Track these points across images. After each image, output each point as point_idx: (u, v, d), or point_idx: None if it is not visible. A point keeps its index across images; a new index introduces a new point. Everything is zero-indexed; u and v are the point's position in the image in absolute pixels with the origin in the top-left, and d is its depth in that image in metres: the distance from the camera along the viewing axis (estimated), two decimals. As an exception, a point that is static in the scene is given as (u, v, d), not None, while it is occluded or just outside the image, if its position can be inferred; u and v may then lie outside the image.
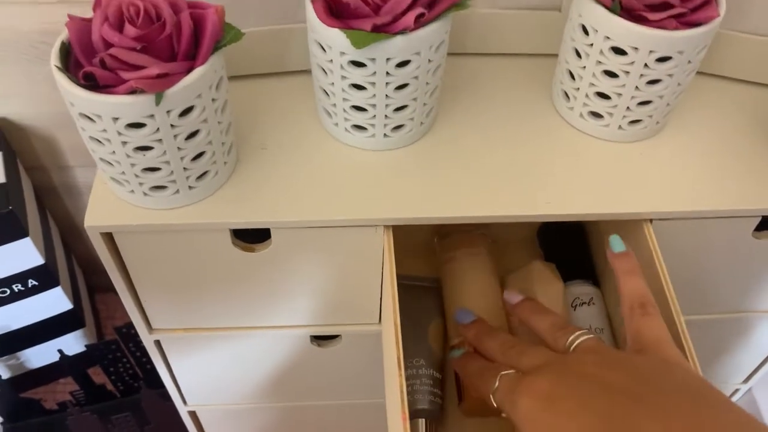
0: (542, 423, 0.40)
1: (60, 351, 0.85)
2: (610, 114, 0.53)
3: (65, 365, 0.86)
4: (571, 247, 0.64)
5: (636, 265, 0.48)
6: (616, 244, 0.49)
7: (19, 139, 0.81)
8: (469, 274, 0.59)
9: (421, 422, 0.56)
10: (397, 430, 0.44)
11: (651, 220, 0.52)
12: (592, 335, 0.45)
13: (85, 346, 0.85)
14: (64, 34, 0.44)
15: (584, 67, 0.52)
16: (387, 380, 0.52)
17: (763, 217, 0.54)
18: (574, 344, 0.45)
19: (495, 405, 0.45)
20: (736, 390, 0.84)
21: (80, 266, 0.99)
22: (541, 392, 0.41)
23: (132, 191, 0.48)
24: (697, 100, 0.59)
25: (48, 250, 0.82)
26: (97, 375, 0.89)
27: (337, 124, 0.53)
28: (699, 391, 0.39)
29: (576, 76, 0.53)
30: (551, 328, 0.48)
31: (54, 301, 0.85)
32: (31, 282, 0.81)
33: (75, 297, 0.90)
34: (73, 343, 0.92)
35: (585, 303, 0.58)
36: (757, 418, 0.82)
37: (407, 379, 0.57)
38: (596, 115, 0.54)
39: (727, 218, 0.53)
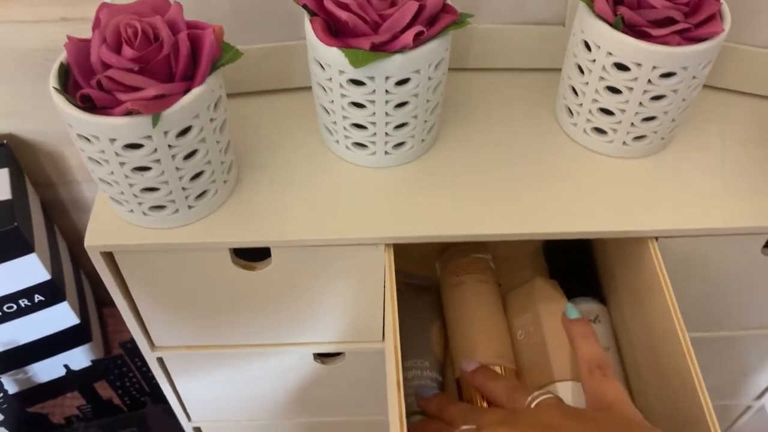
0: None
1: (66, 366, 0.85)
2: (614, 130, 0.53)
3: (71, 380, 0.86)
4: (576, 264, 0.64)
5: (591, 329, 0.50)
6: (571, 311, 0.51)
7: (27, 156, 0.82)
8: (477, 300, 0.58)
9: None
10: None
11: (657, 238, 0.51)
12: (551, 395, 0.45)
13: (91, 361, 0.86)
14: (63, 55, 0.44)
15: (587, 83, 0.51)
16: (389, 399, 0.52)
17: (771, 234, 0.53)
18: (534, 403, 0.45)
19: None
20: (749, 407, 0.83)
21: (89, 279, 0.99)
22: None
23: (131, 211, 0.48)
24: (703, 115, 0.58)
25: (55, 266, 0.82)
26: (104, 389, 0.89)
27: (337, 142, 0.53)
28: None
29: (579, 92, 0.53)
30: (508, 390, 0.48)
31: (60, 316, 0.85)
32: (37, 297, 0.81)
33: (82, 311, 0.90)
34: (80, 358, 0.93)
35: (590, 321, 0.57)
36: (770, 434, 0.80)
37: (411, 380, 0.56)
38: (600, 131, 0.54)
39: (735, 236, 0.52)
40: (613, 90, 0.50)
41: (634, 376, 0.56)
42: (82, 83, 0.43)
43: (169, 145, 0.43)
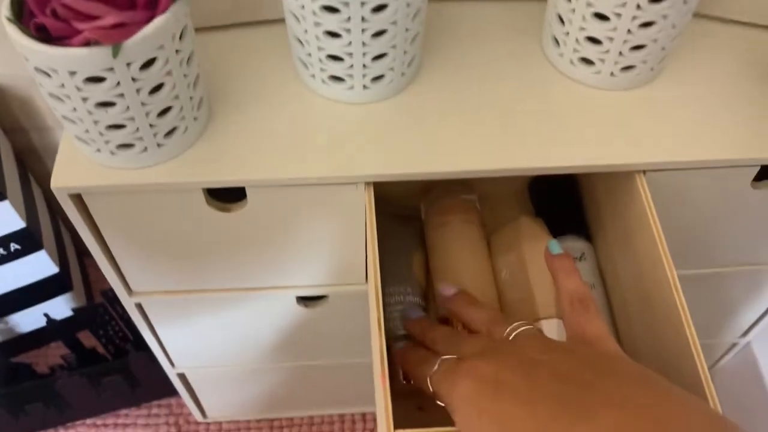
0: (485, 408, 0.38)
1: (46, 315, 0.84)
2: (602, 60, 0.51)
3: (53, 329, 0.85)
4: (562, 201, 0.62)
5: (572, 265, 0.48)
6: (554, 247, 0.49)
7: (-5, 100, 0.79)
8: (461, 241, 0.57)
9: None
10: (378, 389, 0.43)
11: (644, 172, 0.50)
12: (530, 326, 0.44)
13: (72, 309, 0.84)
14: (15, -17, 0.41)
15: (574, 9, 0.49)
16: (372, 339, 0.51)
17: (762, 166, 0.51)
18: (513, 334, 0.44)
19: (431, 390, 0.43)
20: (734, 344, 0.83)
21: (68, 228, 0.97)
22: (483, 375, 0.39)
23: (98, 150, 0.46)
24: (694, 45, 0.56)
25: (30, 213, 0.80)
26: (88, 338, 0.88)
27: (313, 76, 0.50)
28: (649, 379, 0.38)
29: (565, 20, 0.50)
30: (488, 320, 0.47)
31: (38, 265, 0.84)
32: (13, 246, 0.79)
33: (61, 260, 0.89)
34: (61, 307, 0.91)
35: (576, 258, 0.56)
36: (756, 372, 0.81)
37: (393, 305, 0.55)
38: (587, 61, 0.51)
39: (725, 168, 0.51)
40: (601, 17, 0.48)
41: (620, 314, 0.55)
42: (37, 13, 0.40)
43: (133, 78, 0.41)
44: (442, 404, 0.42)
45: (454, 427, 0.41)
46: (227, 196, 0.51)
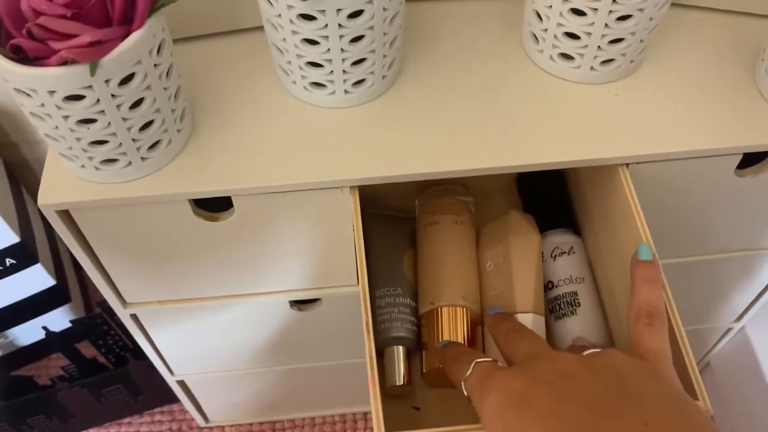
0: (511, 425, 0.37)
1: (45, 328, 0.84)
2: (581, 55, 0.51)
3: (53, 341, 0.85)
4: (551, 195, 0.62)
5: (656, 275, 0.44)
6: (644, 251, 0.45)
7: (-17, 116, 0.79)
8: (448, 239, 0.57)
9: (398, 349, 0.55)
10: (370, 392, 0.43)
11: (627, 165, 0.50)
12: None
13: (71, 321, 0.85)
14: (-8, 5, 0.41)
15: (551, 6, 0.49)
16: (364, 341, 0.51)
17: (744, 154, 0.51)
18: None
19: (465, 393, 0.42)
20: (729, 329, 0.83)
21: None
22: (513, 391, 0.38)
23: (83, 166, 0.46)
24: (672, 35, 0.56)
25: (24, 228, 0.81)
26: (87, 349, 0.88)
27: (294, 83, 0.51)
28: (683, 412, 0.36)
29: (543, 17, 0.50)
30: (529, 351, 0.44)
31: (35, 279, 0.84)
32: (8, 261, 0.80)
33: (58, 272, 0.89)
34: (60, 319, 0.92)
35: (565, 252, 0.57)
36: (751, 356, 0.81)
37: (385, 307, 0.55)
38: (567, 56, 0.52)
39: (708, 158, 0.51)
40: (578, 12, 0.48)
41: (609, 304, 0.55)
42: (14, 33, 0.41)
43: (113, 95, 0.41)
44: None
45: (448, 427, 0.41)
46: (214, 206, 0.52)
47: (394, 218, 0.63)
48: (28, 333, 0.93)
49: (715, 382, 0.89)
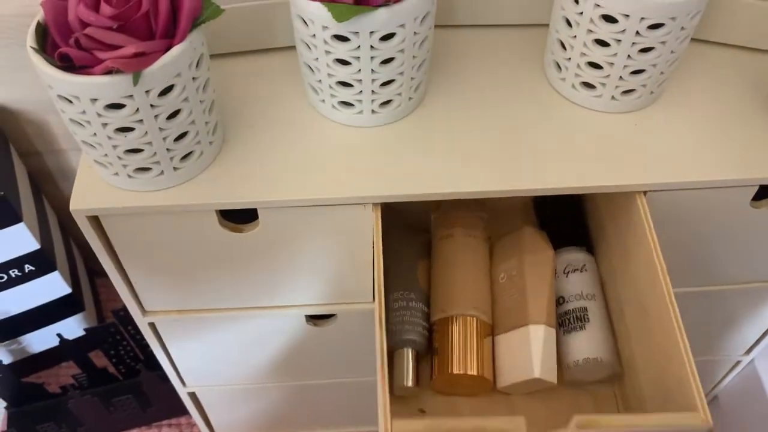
0: None
1: (59, 335, 0.85)
2: (603, 84, 0.52)
3: (65, 349, 0.86)
4: (566, 214, 0.64)
5: None
6: None
7: (11, 125, 0.80)
8: (461, 252, 0.59)
9: (407, 351, 0.56)
10: (380, 407, 0.44)
11: (645, 192, 0.51)
12: None
13: (84, 329, 0.86)
14: (40, 15, 0.43)
15: (575, 36, 0.51)
16: (376, 358, 0.52)
17: (760, 186, 0.53)
18: None
19: None
20: (738, 362, 0.83)
21: (79, 249, 0.99)
22: None
23: (116, 174, 0.48)
24: (692, 69, 0.57)
25: (44, 235, 0.82)
26: (99, 358, 0.89)
27: (323, 101, 0.52)
28: None
29: (567, 46, 0.52)
30: None
31: (52, 286, 0.85)
32: (27, 267, 0.81)
33: (74, 281, 0.90)
34: (73, 327, 0.93)
35: (577, 270, 0.58)
36: (759, 390, 0.81)
37: (398, 310, 0.57)
38: (589, 85, 0.53)
39: (724, 188, 0.52)
40: (601, 43, 0.50)
41: (619, 323, 0.56)
42: (60, 43, 0.42)
43: (152, 105, 0.43)
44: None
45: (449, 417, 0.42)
46: (240, 218, 0.53)
47: (410, 230, 0.65)
48: (39, 340, 0.94)
49: (722, 415, 0.89)
